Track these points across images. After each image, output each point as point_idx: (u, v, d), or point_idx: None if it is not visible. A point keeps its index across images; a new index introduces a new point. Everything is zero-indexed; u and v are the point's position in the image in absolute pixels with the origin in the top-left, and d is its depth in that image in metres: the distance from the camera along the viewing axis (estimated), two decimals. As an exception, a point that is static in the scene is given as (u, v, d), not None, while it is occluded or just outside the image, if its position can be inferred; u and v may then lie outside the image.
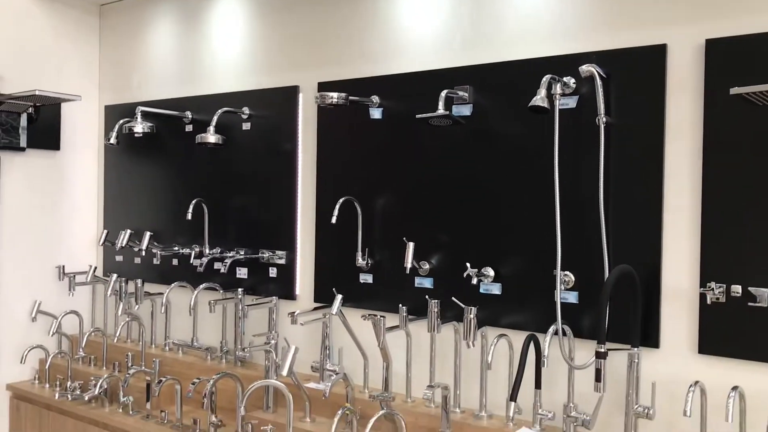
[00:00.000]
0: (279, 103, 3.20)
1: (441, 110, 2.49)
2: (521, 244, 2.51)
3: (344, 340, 2.87)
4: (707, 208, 2.15)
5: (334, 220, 2.74)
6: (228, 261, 3.16)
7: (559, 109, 2.35)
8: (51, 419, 3.34)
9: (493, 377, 2.54)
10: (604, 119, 2.29)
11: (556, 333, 2.28)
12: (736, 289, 2.06)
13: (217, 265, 3.32)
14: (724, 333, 2.11)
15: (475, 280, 2.55)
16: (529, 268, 2.49)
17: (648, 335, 2.24)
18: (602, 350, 2.05)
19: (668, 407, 2.20)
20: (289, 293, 3.15)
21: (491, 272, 2.55)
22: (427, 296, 2.58)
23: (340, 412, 2.43)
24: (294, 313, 2.81)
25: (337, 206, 2.76)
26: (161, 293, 3.39)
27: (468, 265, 2.56)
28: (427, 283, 2.73)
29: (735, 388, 1.98)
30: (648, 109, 2.26)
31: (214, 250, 3.35)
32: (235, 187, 3.35)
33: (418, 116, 2.54)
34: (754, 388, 2.05)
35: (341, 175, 2.99)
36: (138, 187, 3.78)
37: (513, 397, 2.20)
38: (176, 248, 3.51)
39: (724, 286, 2.09)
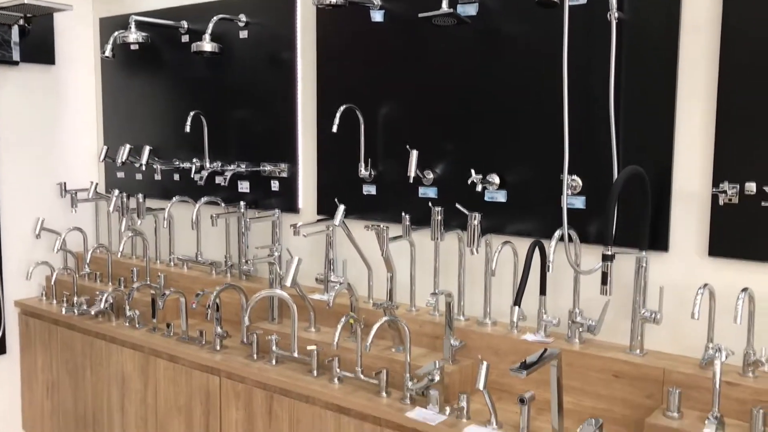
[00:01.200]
0: (277, 8, 3.07)
1: (445, 8, 2.37)
2: (528, 150, 2.43)
3: (348, 252, 2.84)
4: (722, 106, 2.05)
5: (335, 129, 2.66)
6: (228, 174, 3.10)
7: (569, 5, 2.23)
8: (60, 334, 3.37)
9: (498, 285, 2.51)
10: (617, 15, 2.17)
11: (561, 239, 2.22)
12: (750, 187, 1.98)
13: (218, 180, 3.27)
14: (736, 234, 2.05)
15: (479, 188, 2.48)
16: (535, 174, 2.42)
17: (657, 239, 2.19)
18: (609, 253, 1.99)
19: (676, 312, 2.16)
20: (291, 206, 3.11)
21: (496, 179, 2.48)
22: (430, 203, 2.52)
23: (343, 319, 2.42)
24: (296, 225, 2.76)
25: (338, 115, 2.67)
26: (163, 209, 3.36)
27: (473, 171, 2.48)
28: (431, 192, 2.66)
29: (745, 289, 1.94)
30: (663, 3, 2.13)
31: (215, 164, 3.29)
32: (235, 99, 3.26)
33: (420, 15, 2.42)
34: (766, 291, 2.00)
35: (342, 83, 2.88)
36: (137, 101, 3.69)
37: (517, 302, 2.16)
38: (177, 163, 3.45)
39: (738, 186, 2.02)
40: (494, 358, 2.37)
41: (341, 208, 2.68)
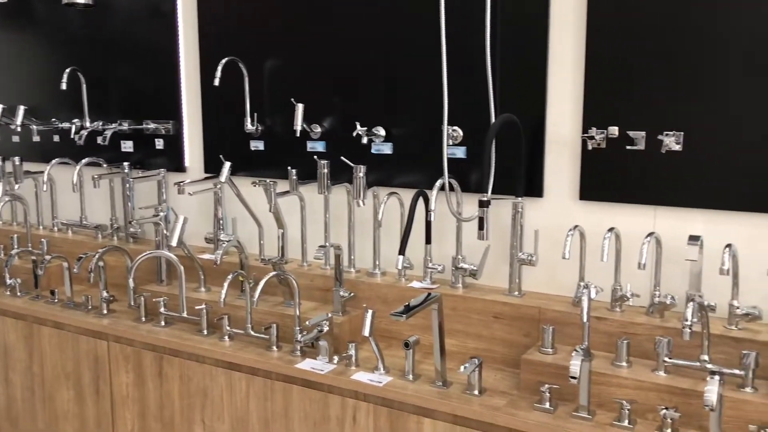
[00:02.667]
0: (153, -42, 2.94)
1: (323, -42, 2.34)
2: (411, 103, 2.45)
3: (238, 210, 2.81)
4: (590, 57, 2.13)
5: (216, 82, 2.59)
6: (108, 133, 2.98)
7: (446, -45, 2.24)
8: (-66, 307, 3.19)
9: (386, 236, 2.55)
10: (492, -35, 2.21)
11: (443, 188, 2.28)
12: (613, 131, 2.08)
13: (99, 140, 3.14)
14: (604, 178, 2.16)
15: (365, 140, 2.49)
16: (419, 126, 2.45)
17: (533, 185, 2.27)
18: (485, 199, 2.06)
19: (551, 253, 2.27)
20: (178, 165, 3.03)
21: (382, 131, 2.50)
22: (315, 157, 2.52)
23: (230, 276, 2.40)
24: (181, 183, 2.70)
25: (219, 68, 2.60)
26: (42, 171, 3.20)
27: (357, 124, 2.49)
28: (320, 146, 2.66)
29: (611, 229, 2.05)
30: (535, -47, 2.18)
31: (96, 123, 3.15)
32: (113, 54, 3.12)
33: (298, -35, 2.38)
34: (632, 230, 2.12)
35: (226, 35, 2.81)
36: (9, 58, 3.47)
37: (401, 251, 2.21)
38: (55, 123, 3.28)
39: (605, 131, 2.11)
40: (383, 306, 2.42)
41: (227, 164, 2.64)
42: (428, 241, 2.39)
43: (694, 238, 1.93)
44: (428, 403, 2.00)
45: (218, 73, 2.60)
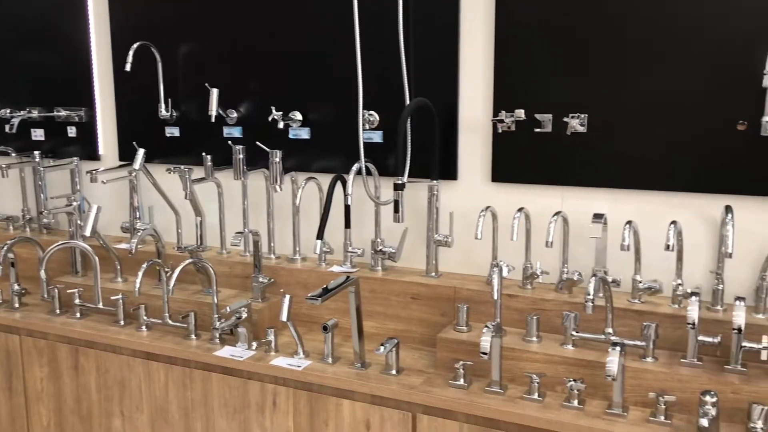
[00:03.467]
0: (59, -61, 2.84)
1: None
2: (328, 88, 2.46)
3: (155, 198, 2.75)
4: (500, 40, 2.18)
5: (128, 67, 2.53)
6: (16, 121, 2.87)
7: (358, -60, 2.25)
8: None
9: (306, 221, 2.56)
10: (403, -50, 2.22)
11: (359, 172, 2.29)
12: (520, 113, 2.14)
13: (7, 128, 3.02)
14: (514, 160, 2.22)
15: (281, 125, 2.48)
16: (336, 110, 2.46)
17: (447, 168, 2.31)
18: (400, 182, 2.09)
19: (466, 234, 2.32)
20: (91, 153, 2.94)
21: (299, 116, 2.50)
22: (230, 142, 2.50)
23: (145, 265, 2.36)
24: (94, 171, 2.63)
25: (131, 53, 2.54)
26: (-54, 162, 3.06)
27: (273, 109, 2.48)
28: (237, 132, 2.63)
29: (521, 209, 2.11)
30: (445, -61, 2.21)
31: (2, 110, 3.03)
32: (21, 38, 3.00)
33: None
34: (541, 210, 2.18)
35: (138, 19, 2.74)
36: None
37: (319, 235, 2.22)
38: (-42, 111, 3.14)
39: (514, 114, 2.17)
40: (304, 291, 2.41)
41: (141, 151, 2.58)
42: (347, 225, 2.40)
43: (597, 216, 2.01)
44: (347, 384, 2.02)
45: (129, 58, 2.53)
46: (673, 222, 1.89)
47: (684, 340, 1.86)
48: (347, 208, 2.31)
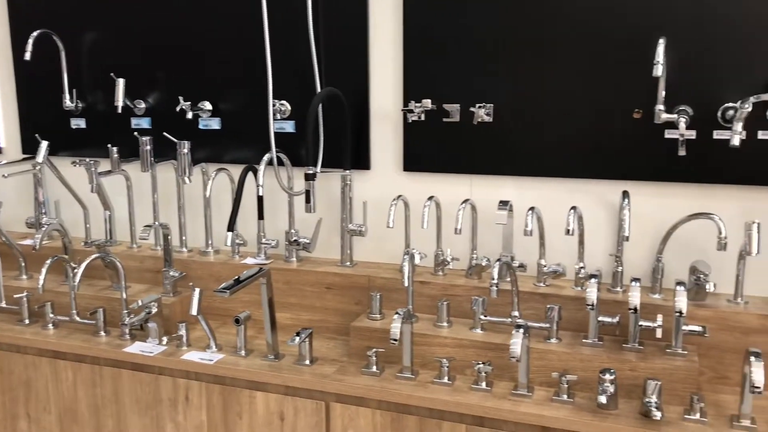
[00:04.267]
0: None
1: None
2: (239, 77, 2.42)
3: (61, 192, 2.66)
4: (408, 29, 2.20)
5: (27, 56, 2.42)
6: None
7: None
8: None
9: (218, 213, 2.52)
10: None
11: (271, 163, 2.28)
12: (426, 103, 2.17)
13: None
14: (425, 150, 2.25)
15: (190, 115, 2.44)
16: (247, 100, 2.43)
17: (360, 158, 2.32)
18: (311, 172, 2.09)
19: (380, 224, 2.33)
20: (-8, 146, 2.82)
21: (208, 106, 2.46)
22: (136, 133, 2.43)
23: (49, 261, 2.28)
24: (-7, 164, 2.52)
25: (30, 41, 2.44)
26: None
27: (181, 99, 2.43)
28: (145, 123, 2.57)
29: (431, 198, 2.14)
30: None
31: None
32: None
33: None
34: (452, 198, 2.22)
35: (38, 5, 2.63)
36: None
37: (230, 227, 2.19)
38: None
39: (421, 104, 2.19)
40: (217, 285, 2.33)
41: (44, 144, 2.49)
42: (260, 216, 2.38)
43: (503, 203, 2.06)
44: (260, 376, 2.01)
45: (29, 47, 2.43)
46: (573, 207, 1.96)
47: (586, 321, 1.93)
48: (260, 199, 2.30)
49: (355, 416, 1.93)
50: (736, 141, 1.75)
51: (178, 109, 2.43)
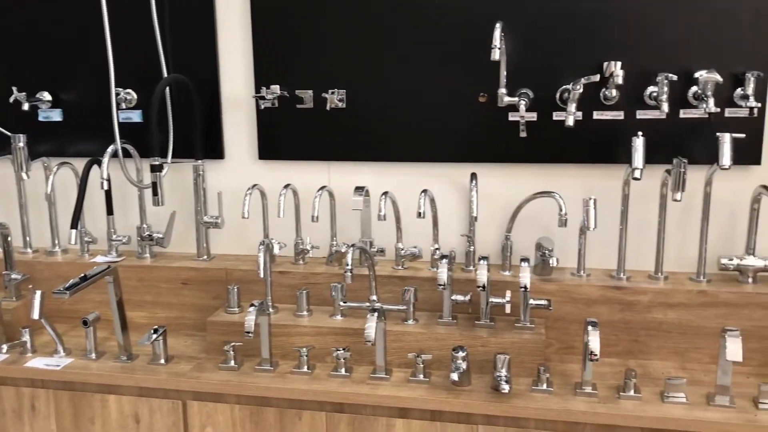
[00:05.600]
0: None
1: None
2: (80, 66, 2.28)
3: None
4: (256, 14, 2.14)
5: None
6: None
7: None
8: None
9: (64, 210, 2.37)
10: None
11: (116, 155, 2.16)
12: (275, 89, 2.13)
13: None
14: (280, 137, 2.21)
15: (26, 106, 2.27)
16: (90, 90, 2.29)
17: (213, 147, 2.25)
18: (156, 163, 2.00)
19: (237, 215, 2.27)
20: None
21: (48, 96, 2.30)
22: (-37, 127, 2.25)
23: None
24: None
25: None
26: None
27: (14, 89, 2.26)
28: (-22, 116, 2.37)
29: (287, 185, 2.11)
30: None
31: None
32: None
33: None
34: (310, 186, 2.18)
35: None
36: None
37: (73, 224, 2.06)
38: None
39: (270, 89, 2.15)
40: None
41: None
42: (109, 212, 2.26)
43: (359, 189, 2.06)
44: (112, 379, 1.92)
45: None
46: (424, 191, 1.99)
47: (442, 301, 1.97)
48: (106, 193, 2.19)
49: (213, 413, 1.88)
50: (570, 121, 1.83)
51: (11, 100, 2.25)
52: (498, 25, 1.79)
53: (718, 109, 1.82)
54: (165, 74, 2.18)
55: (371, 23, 2.08)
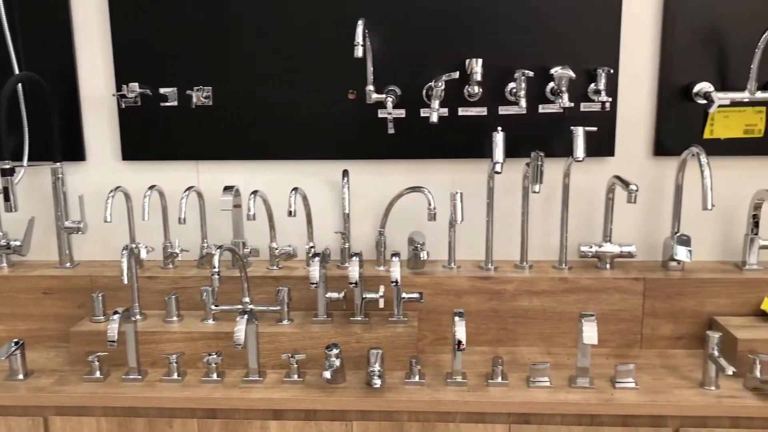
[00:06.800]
0: None
1: None
2: None
3: None
4: (114, 11, 2.05)
5: None
6: None
7: None
8: None
9: None
10: None
11: (-35, 157, 2.02)
12: (134, 87, 2.05)
13: None
14: (144, 137, 2.13)
15: None
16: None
17: (73, 148, 2.14)
18: (6, 167, 1.88)
19: (101, 218, 2.16)
20: None
21: None
22: None
23: None
24: None
25: None
26: None
27: None
28: None
29: (152, 187, 2.04)
30: None
31: None
32: None
33: None
34: (179, 187, 2.11)
35: None
36: None
37: None
38: None
39: (129, 87, 2.06)
40: None
41: None
42: (-41, 220, 2.11)
43: (228, 188, 2.02)
44: (-38, 400, 1.79)
45: None
46: (295, 189, 1.98)
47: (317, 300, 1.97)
48: (-46, 200, 2.03)
49: (77, 427, 1.78)
50: (434, 118, 1.86)
51: None
52: (360, 23, 1.80)
53: (572, 104, 1.91)
54: (17, 71, 2.05)
55: (238, 18, 2.04)
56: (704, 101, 1.94)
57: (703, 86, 1.95)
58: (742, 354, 1.79)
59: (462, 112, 2.03)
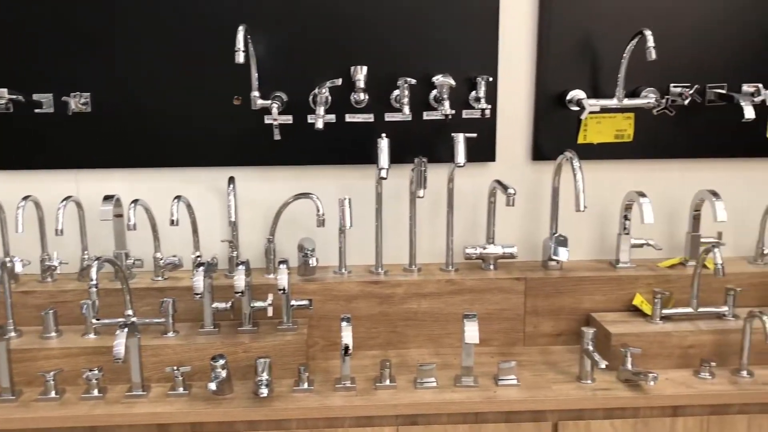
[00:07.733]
0: None
1: None
2: None
3: None
4: None
5: None
6: None
7: None
8: None
9: None
10: None
11: None
12: (3, 92, 1.94)
13: None
14: (18, 145, 2.03)
15: None
16: None
17: (-61, 158, 2.02)
18: None
19: (-27, 232, 2.06)
20: None
21: None
22: None
23: None
24: None
25: None
26: None
27: None
28: None
29: (26, 197, 1.94)
30: None
31: None
32: None
33: None
34: (57, 197, 2.01)
35: None
36: None
37: None
38: None
39: (6, 95, 1.96)
40: None
41: None
42: None
43: (108, 198, 1.95)
44: None
45: None
46: (177, 197, 1.94)
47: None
48: None
49: (-57, 456, 1.68)
50: (320, 124, 1.87)
51: None
52: (241, 28, 1.78)
53: (453, 111, 1.96)
54: None
55: (117, 22, 1.97)
56: (577, 108, 2.04)
57: (576, 93, 2.05)
58: (615, 348, 1.89)
59: (349, 118, 2.05)
